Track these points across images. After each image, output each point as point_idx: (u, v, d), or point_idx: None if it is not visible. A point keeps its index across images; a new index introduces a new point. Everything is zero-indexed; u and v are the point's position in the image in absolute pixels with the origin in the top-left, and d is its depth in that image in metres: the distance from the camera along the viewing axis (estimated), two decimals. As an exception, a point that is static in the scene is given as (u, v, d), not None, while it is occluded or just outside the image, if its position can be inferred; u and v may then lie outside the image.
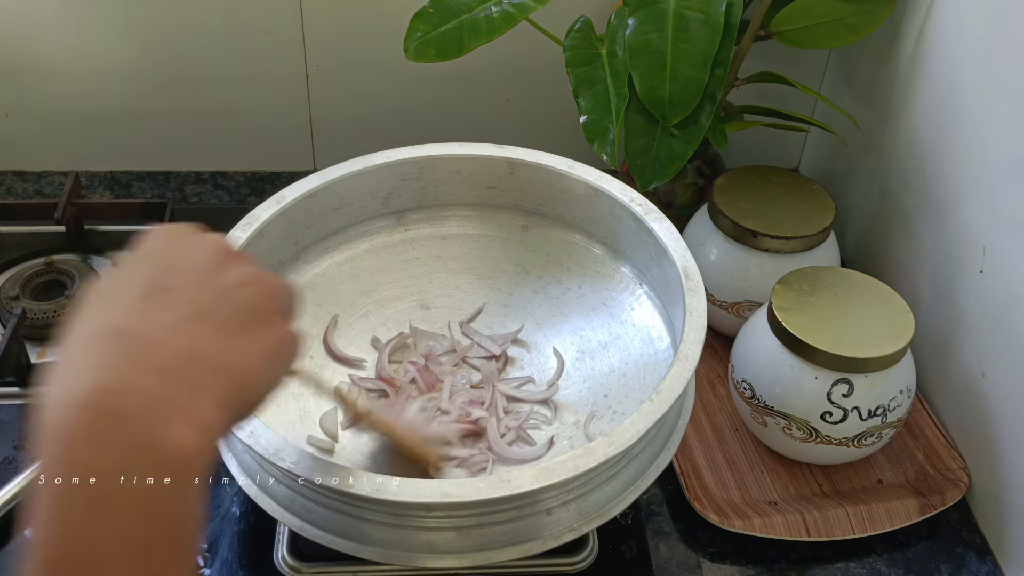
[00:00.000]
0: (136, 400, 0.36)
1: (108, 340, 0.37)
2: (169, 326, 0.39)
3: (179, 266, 0.42)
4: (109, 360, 0.37)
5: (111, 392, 0.36)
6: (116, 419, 0.35)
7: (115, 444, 0.35)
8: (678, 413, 0.65)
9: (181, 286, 0.41)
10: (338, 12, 0.92)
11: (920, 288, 0.80)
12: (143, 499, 0.35)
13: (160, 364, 0.37)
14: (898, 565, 0.69)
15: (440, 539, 0.57)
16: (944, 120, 0.77)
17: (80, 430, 0.35)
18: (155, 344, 0.38)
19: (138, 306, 0.39)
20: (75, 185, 0.90)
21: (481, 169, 0.75)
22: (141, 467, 0.35)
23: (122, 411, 0.35)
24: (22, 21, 0.91)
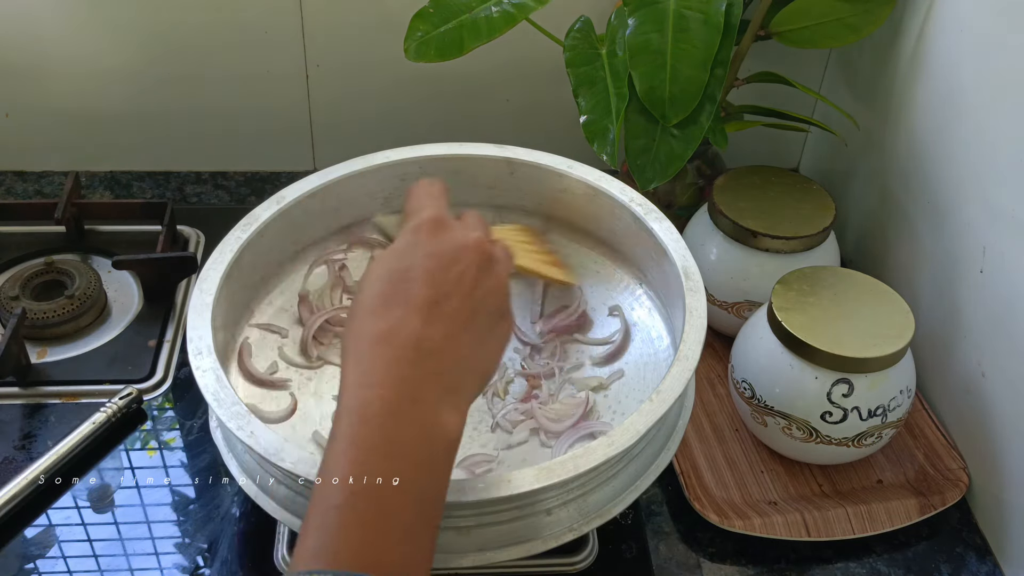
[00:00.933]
0: (426, 393, 0.47)
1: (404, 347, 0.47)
2: (448, 337, 0.48)
3: (451, 271, 0.49)
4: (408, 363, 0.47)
5: (413, 385, 0.47)
6: (413, 404, 0.46)
7: (409, 427, 0.46)
8: (678, 413, 0.65)
9: (454, 296, 0.49)
10: (338, 12, 0.92)
11: (920, 288, 0.80)
12: (426, 463, 0.46)
13: (441, 368, 0.48)
14: (898, 565, 0.69)
15: (440, 539, 0.57)
16: (944, 120, 0.77)
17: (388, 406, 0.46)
18: (439, 352, 0.48)
19: (424, 314, 0.48)
20: (75, 185, 0.90)
21: (481, 169, 0.75)
22: (427, 441, 0.46)
23: (418, 399, 0.46)
24: (22, 21, 0.91)
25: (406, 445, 0.45)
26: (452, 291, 0.49)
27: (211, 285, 0.64)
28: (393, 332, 0.47)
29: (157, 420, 0.76)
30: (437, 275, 0.49)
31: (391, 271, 0.50)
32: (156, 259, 0.85)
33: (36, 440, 0.73)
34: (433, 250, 0.50)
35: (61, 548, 0.67)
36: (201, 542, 0.67)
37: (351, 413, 0.46)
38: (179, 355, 0.81)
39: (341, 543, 0.42)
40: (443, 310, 0.48)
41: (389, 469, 0.44)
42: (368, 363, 0.47)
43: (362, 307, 0.49)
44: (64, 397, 0.77)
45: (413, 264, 0.49)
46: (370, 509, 0.43)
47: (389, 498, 0.44)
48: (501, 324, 0.52)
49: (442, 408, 0.47)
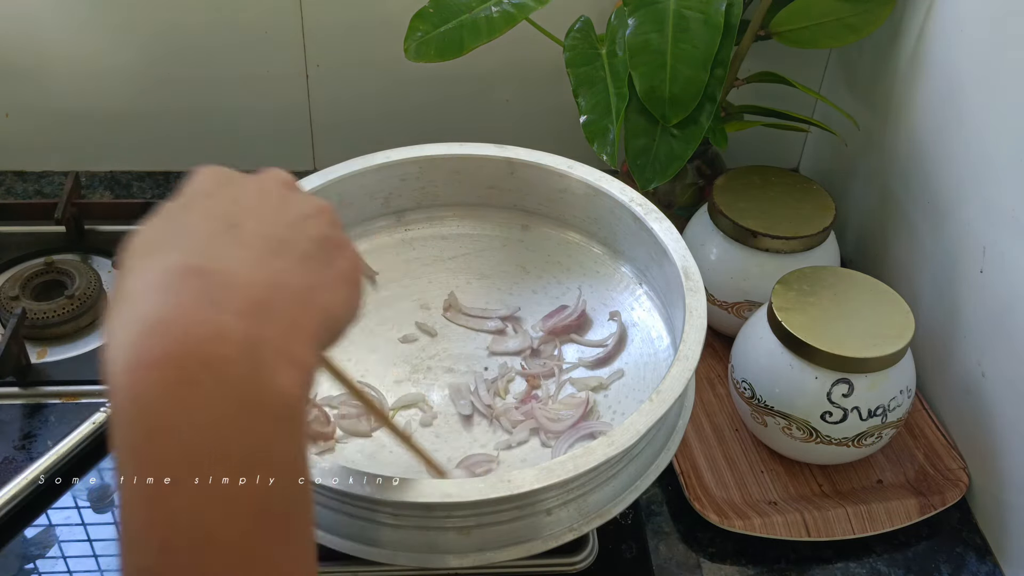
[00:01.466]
0: (232, 344, 0.31)
1: (184, 281, 0.32)
2: (249, 261, 0.34)
3: (243, 202, 0.38)
4: (189, 303, 0.32)
5: (201, 339, 0.31)
6: (213, 369, 0.30)
7: (216, 397, 0.30)
8: (678, 413, 0.65)
9: (251, 221, 0.37)
10: (338, 12, 0.92)
11: (920, 288, 0.80)
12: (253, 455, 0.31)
13: (248, 303, 0.33)
14: (898, 565, 0.69)
15: (440, 539, 0.57)
16: (944, 120, 0.77)
17: (171, 389, 0.30)
18: (238, 281, 0.33)
19: (210, 243, 0.34)
20: (75, 185, 0.90)
21: (481, 169, 0.75)
22: (248, 419, 0.31)
23: (219, 359, 0.31)
24: (22, 21, 0.91)
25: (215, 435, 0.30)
26: (248, 217, 0.37)
27: (211, 285, 0.64)
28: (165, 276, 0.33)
29: (157, 420, 0.76)
30: (226, 205, 0.38)
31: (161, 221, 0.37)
32: (156, 259, 0.85)
33: (36, 440, 0.73)
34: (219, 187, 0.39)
35: (61, 548, 0.67)
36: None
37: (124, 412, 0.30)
38: (179, 355, 0.81)
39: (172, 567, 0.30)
40: (237, 237, 0.36)
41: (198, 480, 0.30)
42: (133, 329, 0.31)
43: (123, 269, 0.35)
44: (64, 397, 0.77)
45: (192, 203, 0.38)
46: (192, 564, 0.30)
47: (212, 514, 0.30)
48: (338, 254, 0.40)
49: (259, 360, 0.32)
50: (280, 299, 0.34)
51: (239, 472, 0.30)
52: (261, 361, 0.32)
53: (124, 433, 0.31)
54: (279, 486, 0.31)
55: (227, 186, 0.40)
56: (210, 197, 0.38)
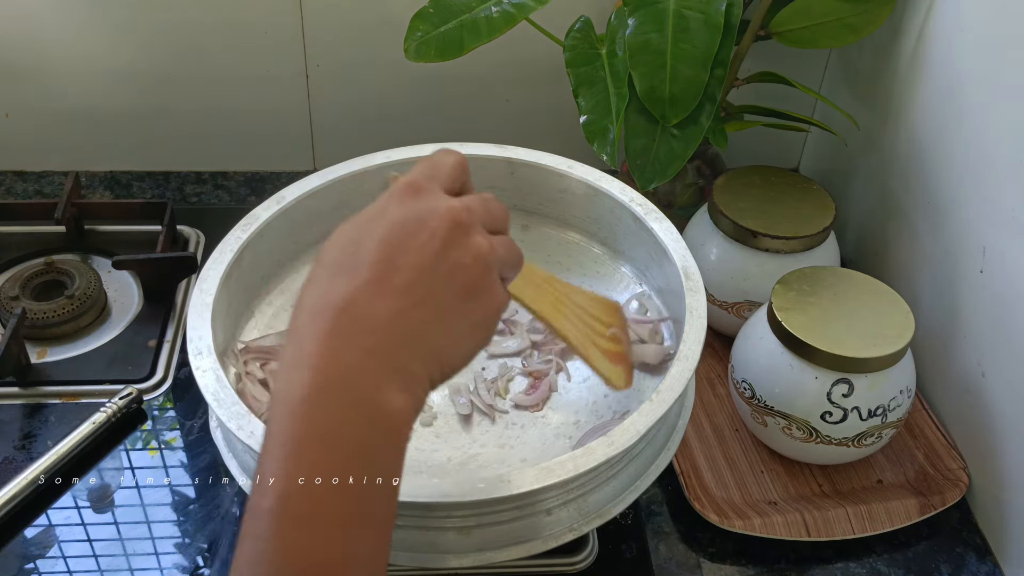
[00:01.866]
0: (362, 374, 0.41)
1: (342, 322, 0.42)
2: (394, 312, 0.42)
3: (412, 241, 0.44)
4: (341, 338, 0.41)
5: (346, 366, 0.41)
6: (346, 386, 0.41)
7: (349, 409, 0.41)
8: (678, 413, 0.65)
9: (408, 268, 0.43)
10: (338, 12, 0.92)
11: (920, 288, 0.80)
12: (364, 453, 0.41)
13: (379, 346, 0.42)
14: (898, 565, 0.69)
15: (440, 539, 0.57)
16: (944, 120, 0.77)
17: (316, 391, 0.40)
18: (377, 330, 0.42)
19: (369, 289, 0.42)
20: (75, 185, 0.90)
21: (481, 169, 0.75)
22: (366, 427, 0.41)
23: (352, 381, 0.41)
24: (22, 21, 0.92)
25: (339, 433, 0.40)
26: (407, 263, 0.43)
27: (211, 285, 0.64)
28: (331, 305, 0.42)
29: (157, 420, 0.76)
30: (393, 244, 0.43)
31: (348, 239, 0.44)
32: (156, 259, 0.85)
33: (36, 440, 0.73)
34: (396, 217, 0.44)
35: (61, 548, 0.67)
36: (201, 542, 0.67)
37: (280, 400, 0.41)
38: (179, 355, 0.81)
39: (275, 550, 0.39)
40: (392, 281, 0.43)
41: (322, 461, 0.40)
42: (302, 339, 0.42)
43: (309, 278, 0.44)
44: (64, 397, 0.77)
45: (371, 232, 0.44)
46: (302, 508, 0.39)
47: (322, 495, 0.39)
48: (474, 305, 0.46)
49: (384, 390, 0.41)
50: (406, 347, 0.43)
51: (353, 461, 0.40)
52: (379, 389, 0.41)
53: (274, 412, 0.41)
54: (377, 479, 0.41)
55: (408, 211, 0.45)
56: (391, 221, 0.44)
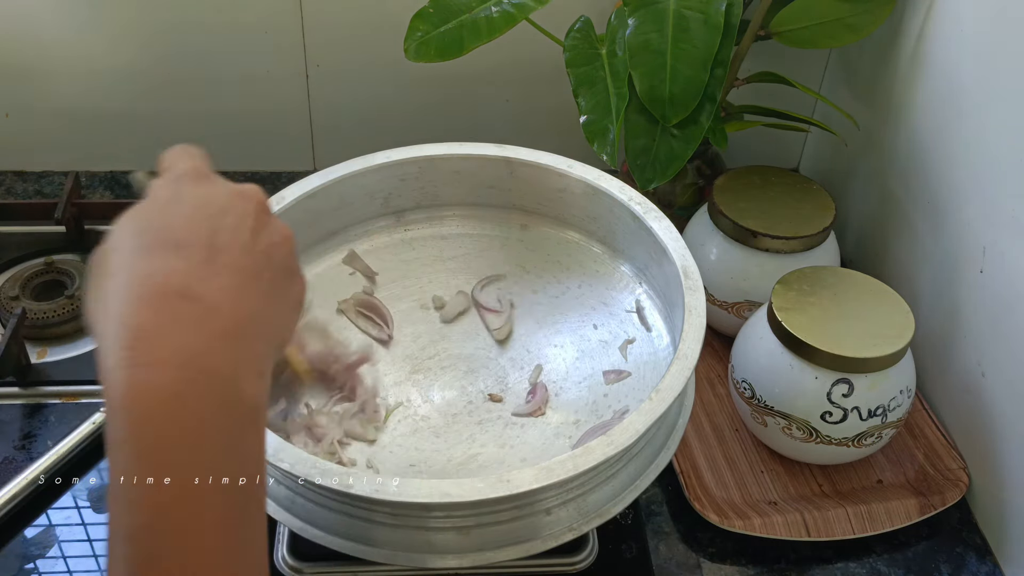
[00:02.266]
0: (217, 361, 0.38)
1: (177, 299, 0.39)
2: (230, 291, 0.40)
3: (225, 221, 0.42)
4: (187, 324, 0.38)
5: (194, 354, 0.38)
6: (202, 379, 0.37)
7: (203, 399, 0.37)
8: (678, 412, 0.65)
9: (233, 246, 0.42)
10: (338, 12, 0.92)
11: (920, 288, 0.80)
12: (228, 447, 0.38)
13: (228, 328, 0.40)
14: (898, 565, 0.69)
15: (440, 539, 0.57)
16: (944, 120, 0.77)
17: (169, 389, 0.37)
18: (222, 310, 0.40)
19: (198, 264, 0.40)
20: (75, 185, 0.90)
21: (481, 169, 0.75)
22: (225, 418, 0.38)
23: (207, 371, 0.38)
24: (22, 21, 0.92)
25: (204, 431, 0.37)
26: (229, 241, 0.41)
27: (211, 285, 0.64)
28: (162, 285, 0.38)
29: (157, 420, 0.76)
30: (207, 224, 0.41)
31: (147, 221, 0.41)
32: (156, 259, 0.85)
33: (36, 440, 0.73)
34: (199, 198, 0.42)
35: (61, 548, 0.67)
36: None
37: (125, 407, 0.36)
38: (179, 355, 0.81)
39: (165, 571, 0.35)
40: (221, 260, 0.41)
41: (187, 466, 0.36)
42: (139, 329, 0.37)
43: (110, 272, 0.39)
44: (64, 397, 0.77)
45: (177, 212, 0.41)
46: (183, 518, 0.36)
47: (196, 501, 0.36)
48: (292, 282, 0.46)
49: (240, 375, 0.39)
50: (251, 326, 0.41)
51: (216, 459, 0.37)
52: (237, 375, 0.39)
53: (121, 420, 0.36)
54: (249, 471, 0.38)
55: (208, 196, 0.43)
56: (193, 205, 0.43)
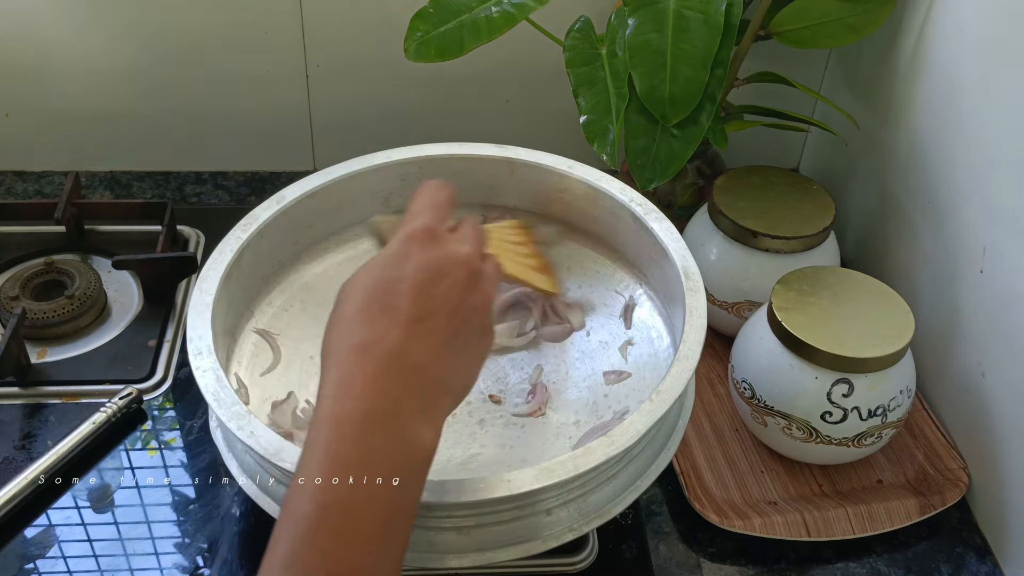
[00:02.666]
0: (407, 409, 0.47)
1: (388, 361, 0.47)
2: (431, 354, 0.48)
3: (438, 287, 0.49)
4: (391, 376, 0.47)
5: (395, 400, 0.46)
6: (392, 426, 0.46)
7: (391, 443, 0.46)
8: (678, 413, 0.65)
9: (439, 312, 0.49)
10: (338, 12, 0.92)
11: (920, 288, 0.80)
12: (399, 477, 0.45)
13: (421, 384, 0.47)
14: (898, 565, 0.69)
15: (440, 539, 0.57)
16: (944, 120, 0.77)
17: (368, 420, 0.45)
18: (421, 368, 0.48)
19: (409, 329, 0.48)
20: (75, 185, 0.90)
21: (481, 169, 0.75)
22: (402, 455, 0.46)
23: (399, 416, 0.46)
24: (22, 21, 0.92)
25: (380, 459, 0.45)
26: (438, 307, 0.49)
27: (211, 285, 0.64)
28: (376, 344, 0.47)
29: (157, 420, 0.76)
30: (424, 289, 0.49)
31: (379, 280, 0.49)
32: (156, 259, 0.85)
33: (36, 440, 0.73)
34: (422, 263, 0.50)
35: (61, 548, 0.67)
36: (201, 542, 0.67)
37: (328, 423, 0.46)
38: (179, 355, 0.81)
39: (310, 552, 0.43)
40: (427, 326, 0.48)
41: (362, 483, 0.44)
42: (349, 373, 0.47)
43: (346, 314, 0.49)
44: (64, 397, 0.77)
45: (402, 276, 0.49)
46: (340, 519, 0.43)
47: (360, 509, 0.44)
48: (482, 341, 0.52)
49: (418, 423, 0.47)
50: (441, 384, 0.49)
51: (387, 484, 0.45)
52: (419, 423, 0.47)
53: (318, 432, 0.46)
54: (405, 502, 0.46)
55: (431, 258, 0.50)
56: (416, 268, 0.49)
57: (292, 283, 0.74)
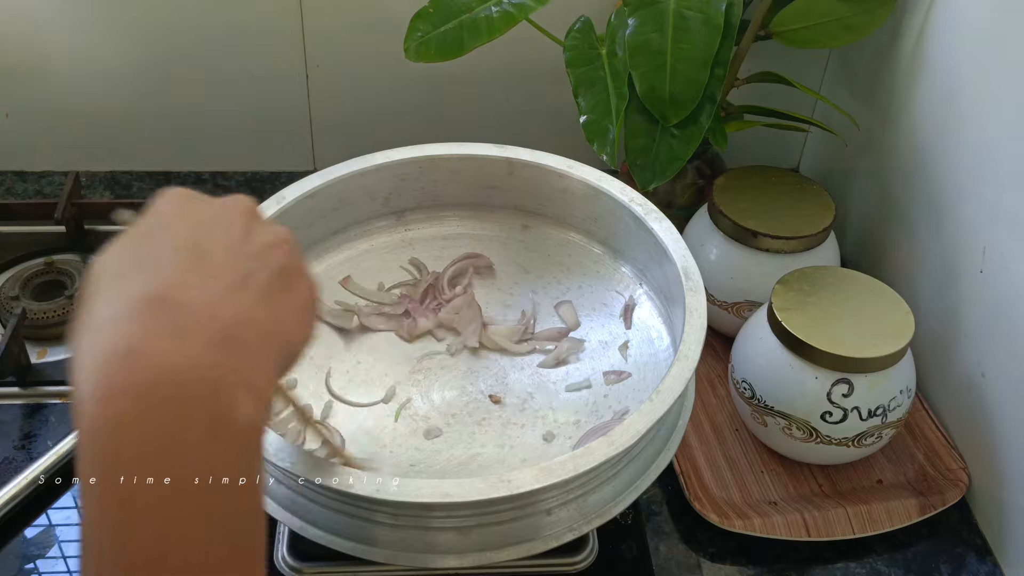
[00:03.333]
0: (199, 376, 0.33)
1: (153, 311, 0.34)
2: (217, 293, 0.36)
3: (211, 230, 0.39)
4: (158, 334, 0.33)
5: (170, 369, 0.32)
6: (180, 399, 0.32)
7: (182, 425, 0.32)
8: (678, 413, 0.65)
9: (219, 251, 0.38)
10: (338, 12, 0.92)
11: (920, 288, 0.80)
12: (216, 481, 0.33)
13: (215, 336, 0.34)
14: (898, 565, 0.69)
15: (440, 539, 0.57)
16: (944, 120, 0.77)
17: (140, 416, 0.32)
18: (207, 312, 0.35)
19: (180, 271, 0.36)
20: (75, 185, 0.90)
21: (481, 169, 0.75)
22: (213, 447, 0.33)
23: (186, 389, 0.32)
24: (22, 21, 0.91)
25: (179, 458, 0.32)
26: (215, 247, 0.38)
27: (211, 285, 0.64)
28: (139, 298, 0.34)
29: (157, 420, 0.76)
30: (192, 233, 0.38)
31: (131, 242, 0.38)
32: (156, 259, 0.85)
33: (36, 440, 0.73)
34: (182, 214, 0.39)
35: (61, 548, 0.67)
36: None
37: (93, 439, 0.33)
38: (179, 355, 0.81)
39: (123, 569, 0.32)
40: (205, 268, 0.37)
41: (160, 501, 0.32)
42: (105, 350, 0.33)
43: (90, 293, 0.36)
44: (64, 397, 0.77)
45: (159, 232, 0.38)
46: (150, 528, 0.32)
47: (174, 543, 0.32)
48: (295, 283, 0.42)
49: (225, 392, 0.34)
50: (244, 332, 0.36)
51: (201, 495, 0.32)
52: (225, 392, 0.34)
53: (91, 458, 0.33)
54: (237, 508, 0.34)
55: (193, 212, 0.40)
56: (177, 223, 0.39)
57: (292, 283, 0.73)
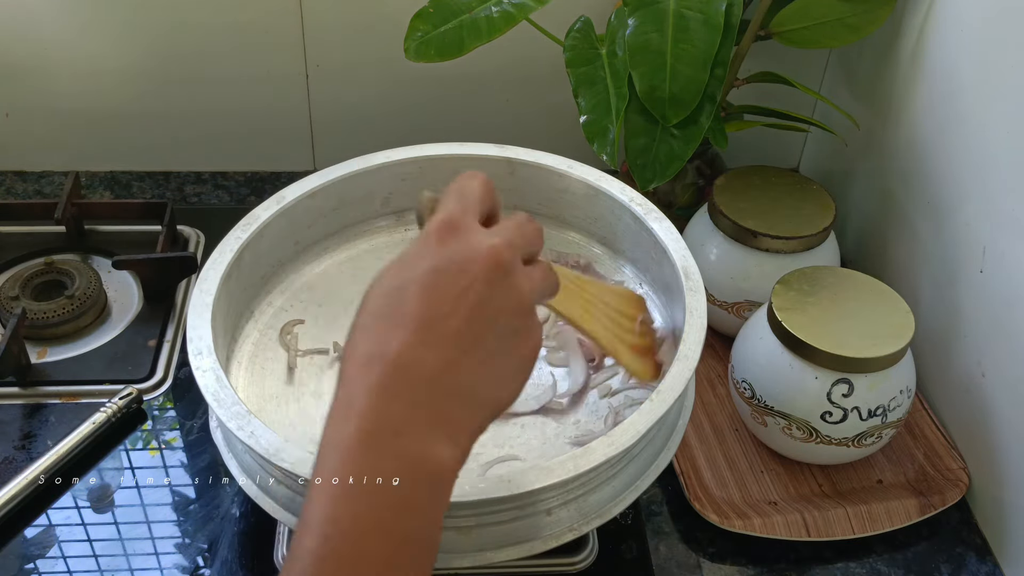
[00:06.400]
0: (411, 426, 0.42)
1: (392, 373, 0.42)
2: (444, 363, 0.43)
3: (454, 288, 0.44)
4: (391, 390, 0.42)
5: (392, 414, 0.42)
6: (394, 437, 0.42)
7: (393, 456, 0.41)
8: (678, 413, 0.65)
9: (453, 315, 0.43)
10: (338, 12, 0.92)
11: (920, 288, 0.80)
12: (408, 502, 0.41)
13: (432, 397, 0.43)
14: (898, 565, 0.69)
15: (440, 539, 0.57)
16: (944, 120, 0.77)
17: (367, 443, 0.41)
18: (431, 380, 0.43)
19: (418, 336, 0.43)
20: (75, 185, 0.90)
21: (481, 169, 0.74)
22: (410, 478, 0.41)
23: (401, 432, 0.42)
24: (22, 21, 0.92)
25: (384, 482, 0.41)
26: (452, 309, 0.43)
27: (211, 285, 0.64)
28: (379, 355, 0.43)
29: (157, 420, 0.76)
30: (436, 291, 0.44)
31: (390, 285, 0.45)
32: (156, 259, 0.85)
33: (36, 440, 0.73)
34: (435, 262, 0.44)
35: (61, 548, 0.67)
36: (201, 542, 0.67)
37: (329, 445, 0.42)
38: (179, 355, 0.81)
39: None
40: (439, 331, 0.43)
41: (366, 508, 0.41)
42: (351, 389, 0.43)
43: (357, 323, 0.45)
44: (64, 397, 0.77)
45: (412, 277, 0.44)
46: (346, 551, 0.40)
47: (366, 538, 0.40)
48: (518, 345, 0.46)
49: (430, 441, 0.42)
50: (463, 399, 0.44)
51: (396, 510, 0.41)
52: (432, 441, 0.42)
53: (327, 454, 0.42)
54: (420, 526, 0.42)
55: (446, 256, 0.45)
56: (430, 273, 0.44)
57: (292, 283, 0.74)
